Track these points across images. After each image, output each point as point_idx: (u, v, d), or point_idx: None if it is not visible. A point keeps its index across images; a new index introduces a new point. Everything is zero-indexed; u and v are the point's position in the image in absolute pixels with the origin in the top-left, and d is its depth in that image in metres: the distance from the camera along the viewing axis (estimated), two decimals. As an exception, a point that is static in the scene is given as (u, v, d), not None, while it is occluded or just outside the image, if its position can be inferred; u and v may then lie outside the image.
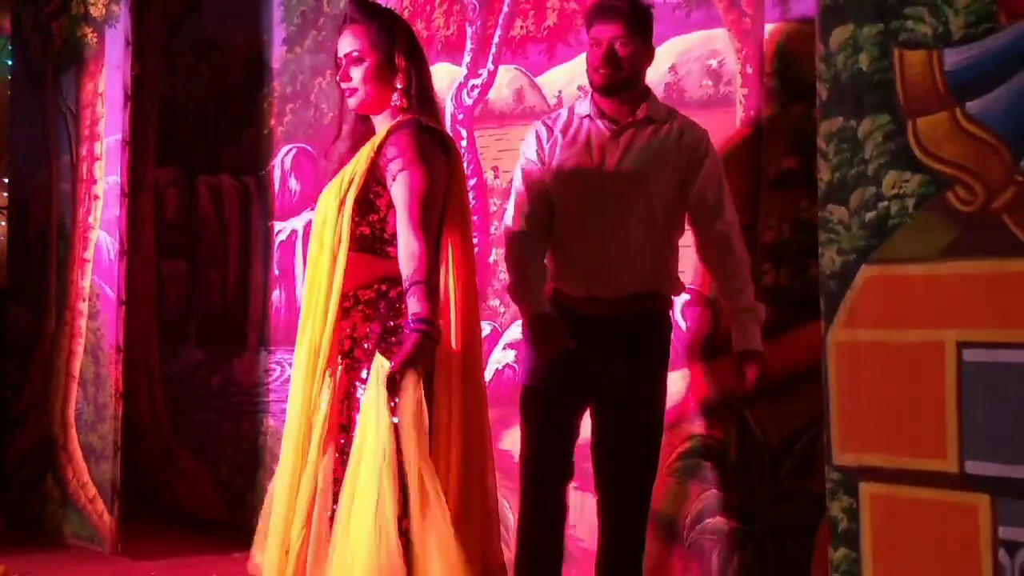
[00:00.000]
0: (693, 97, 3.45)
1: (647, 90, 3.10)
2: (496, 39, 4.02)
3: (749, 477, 3.26)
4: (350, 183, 2.61)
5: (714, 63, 3.42)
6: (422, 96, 2.70)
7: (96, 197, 4.66)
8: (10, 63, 5.52)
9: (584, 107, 3.10)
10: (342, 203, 2.60)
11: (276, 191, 4.86)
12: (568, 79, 3.78)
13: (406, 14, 4.29)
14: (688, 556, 3.37)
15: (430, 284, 2.52)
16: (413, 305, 2.49)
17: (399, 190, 2.57)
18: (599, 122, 3.06)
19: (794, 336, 3.17)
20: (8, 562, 4.23)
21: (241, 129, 5.01)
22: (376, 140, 2.63)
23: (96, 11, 4.73)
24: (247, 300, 4.96)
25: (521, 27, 3.94)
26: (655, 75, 3.49)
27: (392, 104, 2.69)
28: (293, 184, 4.79)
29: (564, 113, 3.15)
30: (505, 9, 3.99)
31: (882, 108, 2.33)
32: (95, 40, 4.73)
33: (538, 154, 3.12)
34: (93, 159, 4.70)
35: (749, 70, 3.35)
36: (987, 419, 2.18)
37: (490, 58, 4.04)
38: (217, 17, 5.20)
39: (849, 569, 2.34)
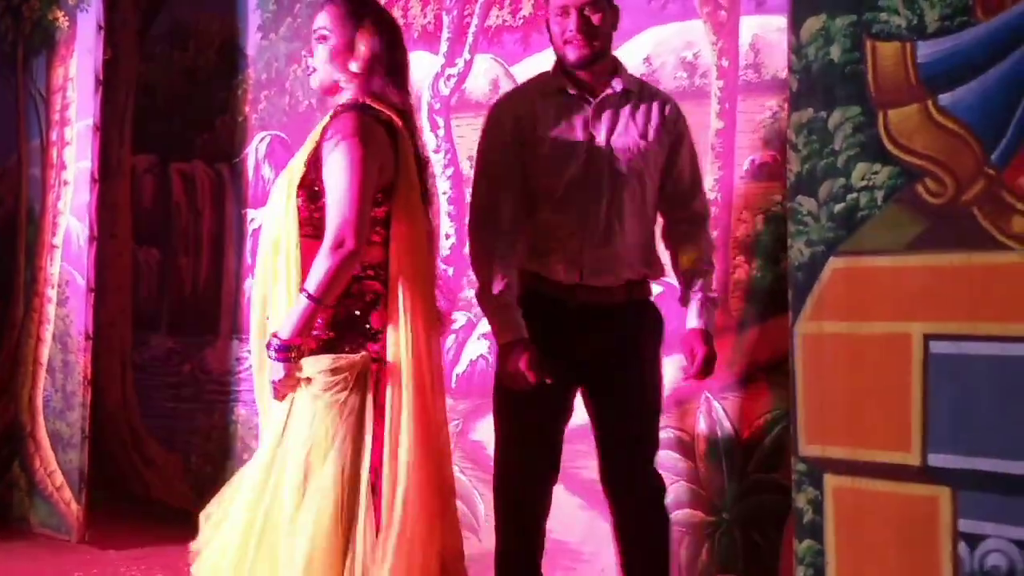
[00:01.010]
0: (668, 88, 3.43)
1: (614, 58, 2.90)
2: (472, 28, 4.00)
3: (718, 469, 3.27)
4: (297, 170, 2.54)
5: (689, 55, 3.42)
6: (381, 82, 2.59)
7: (66, 183, 4.61)
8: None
9: (552, 83, 2.86)
10: (291, 190, 2.51)
11: (249, 179, 4.83)
12: (541, 68, 3.75)
13: (382, 2, 4.26)
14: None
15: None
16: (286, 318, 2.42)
17: (330, 165, 2.44)
18: (576, 97, 2.83)
19: (766, 328, 3.18)
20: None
21: (215, 116, 4.98)
22: (321, 123, 2.58)
23: (67, -7, 4.69)
24: (219, 288, 4.94)
25: (497, 16, 3.93)
26: (630, 66, 3.50)
27: (341, 85, 2.61)
28: (267, 172, 4.75)
29: (522, 94, 2.94)
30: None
31: (853, 99, 2.33)
32: (66, 24, 4.69)
33: (504, 141, 2.85)
34: (63, 144, 4.66)
35: (724, 63, 3.35)
36: (951, 411, 2.19)
37: (466, 47, 4.03)
38: (191, 3, 5.16)
39: (813, 561, 2.35)
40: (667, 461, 3.35)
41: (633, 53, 3.51)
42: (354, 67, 2.58)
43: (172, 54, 5.24)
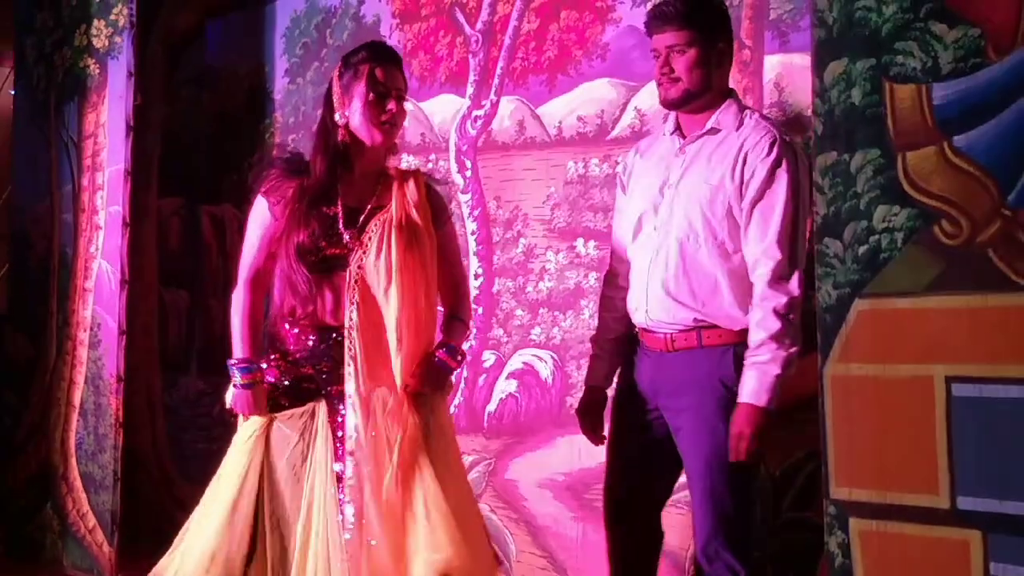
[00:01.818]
0: (692, 128, 3.44)
1: (726, 96, 2.82)
2: (498, 71, 4.03)
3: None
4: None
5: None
6: None
7: (98, 227, 4.67)
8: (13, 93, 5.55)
9: (668, 123, 2.89)
10: None
11: (278, 221, 4.86)
12: (568, 110, 3.80)
13: (409, 46, 4.31)
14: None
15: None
16: None
17: None
18: (672, 137, 2.85)
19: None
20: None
21: (243, 159, 5.03)
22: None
23: (99, 42, 4.76)
24: (249, 329, 4.96)
25: (522, 59, 3.96)
26: (655, 105, 3.51)
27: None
28: (296, 213, 4.80)
29: (657, 133, 3.00)
30: (507, 41, 4.01)
31: (873, 142, 2.33)
32: (97, 71, 4.77)
33: (620, 183, 2.98)
34: (95, 189, 4.73)
35: (748, 101, 3.34)
36: (978, 454, 2.17)
37: (492, 89, 4.06)
38: (219, 48, 5.23)
39: (844, 605, 2.33)
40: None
41: (656, 93, 3.52)
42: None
43: (199, 97, 5.30)
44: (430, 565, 2.59)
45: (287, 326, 2.82)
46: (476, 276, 4.03)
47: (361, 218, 2.79)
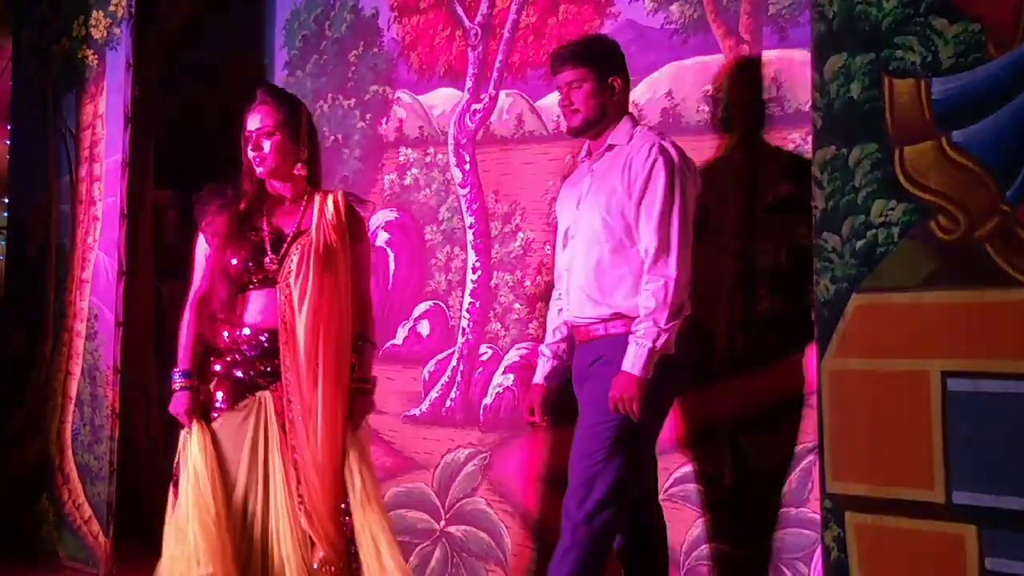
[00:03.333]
0: (690, 123, 3.45)
1: (621, 116, 3.18)
2: (497, 64, 4.03)
3: (744, 503, 3.25)
4: None
5: (711, 89, 3.42)
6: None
7: (96, 218, 4.67)
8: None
9: (583, 151, 3.29)
10: None
11: (276, 213, 4.87)
12: (566, 103, 3.79)
13: (408, 39, 4.31)
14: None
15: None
16: None
17: None
18: (585, 161, 3.26)
19: (790, 362, 3.16)
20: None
21: (241, 151, 5.01)
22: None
23: (97, 33, 4.76)
24: (245, 322, 4.96)
25: (521, 53, 3.96)
26: (652, 100, 3.52)
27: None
28: (293, 206, 4.80)
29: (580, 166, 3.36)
30: (506, 35, 4.01)
31: (871, 136, 2.34)
32: (96, 62, 4.76)
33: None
34: (93, 180, 4.73)
35: (746, 96, 3.35)
36: (973, 449, 2.18)
37: (491, 83, 4.06)
38: (218, 40, 5.23)
39: (841, 598, 2.34)
40: (694, 495, 3.35)
41: (655, 88, 3.53)
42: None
43: (198, 90, 5.30)
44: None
45: (225, 333, 3.16)
46: (474, 270, 4.04)
47: (285, 244, 3.11)
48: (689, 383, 3.19)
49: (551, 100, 3.85)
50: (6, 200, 5.80)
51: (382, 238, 4.35)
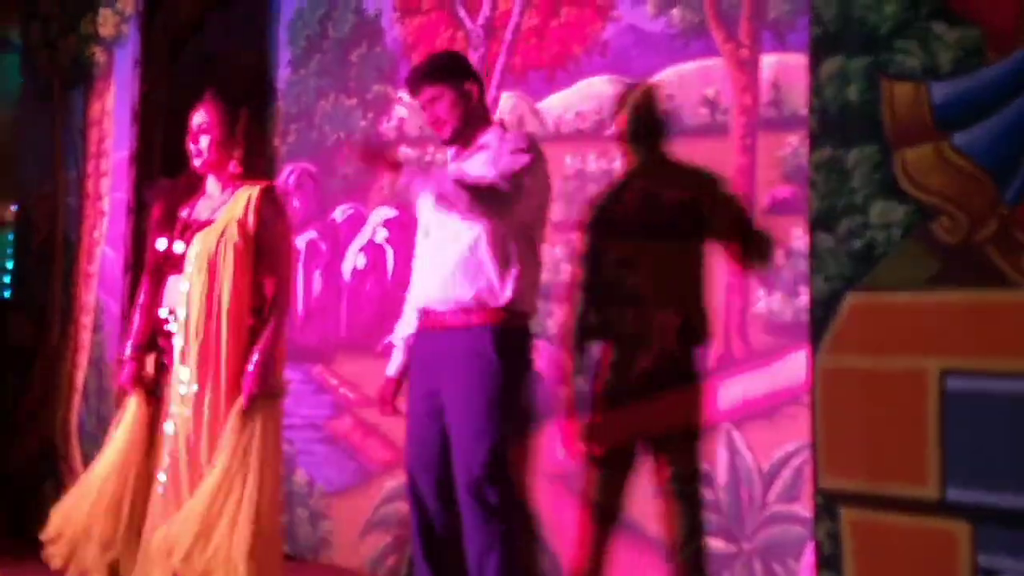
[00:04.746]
0: (689, 125, 3.50)
1: (485, 118, 3.35)
2: (499, 66, 4.08)
3: (738, 499, 3.30)
4: None
5: (711, 92, 3.48)
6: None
7: (103, 213, 4.72)
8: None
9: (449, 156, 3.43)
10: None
11: (279, 209, 4.91)
12: (565, 105, 3.85)
13: (410, 39, 4.37)
14: (679, 576, 3.41)
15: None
16: None
17: None
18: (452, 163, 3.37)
19: (785, 361, 3.22)
20: (6, 572, 4.27)
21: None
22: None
23: (105, 31, 4.81)
24: (248, 316, 5.00)
25: (523, 55, 4.01)
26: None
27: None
28: (295, 203, 4.84)
29: None
30: (508, 37, 4.06)
31: (870, 139, 2.37)
32: (104, 59, 4.81)
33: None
34: (100, 175, 4.77)
35: (746, 99, 3.41)
36: (970, 447, 2.21)
37: (493, 85, 4.10)
38: (222, 38, 5.27)
39: (833, 593, 2.38)
40: (687, 491, 3.41)
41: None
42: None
43: (202, 85, 5.32)
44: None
45: (159, 314, 3.35)
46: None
47: (198, 231, 3.28)
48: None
49: (552, 102, 3.91)
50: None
51: (381, 235, 4.40)
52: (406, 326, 3.44)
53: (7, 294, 5.73)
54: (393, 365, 3.47)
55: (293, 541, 4.41)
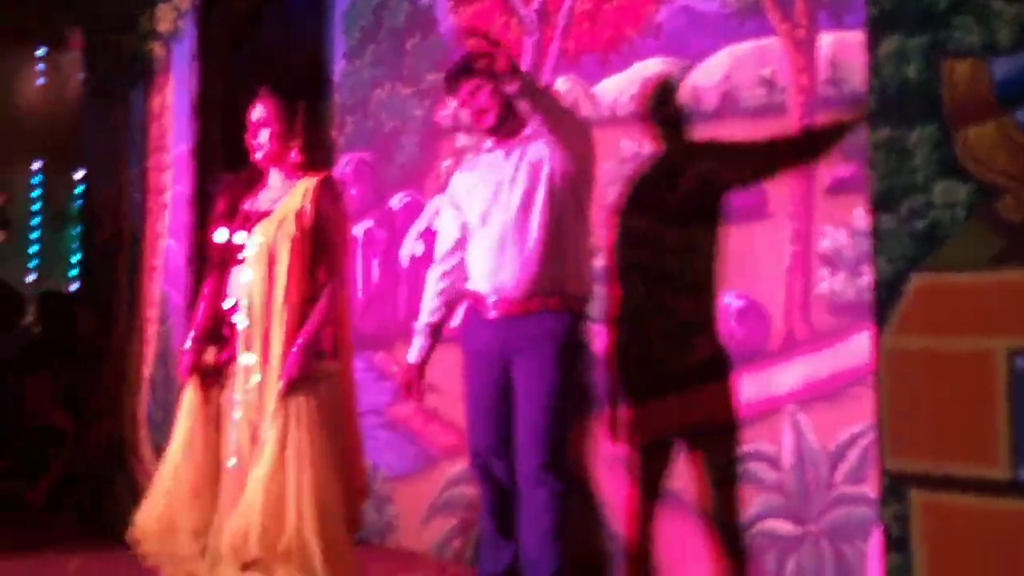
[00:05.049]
0: (747, 106, 3.48)
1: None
2: (553, 51, 4.07)
3: (804, 481, 3.29)
4: None
5: (767, 72, 3.45)
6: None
7: (165, 206, 4.80)
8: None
9: (487, 143, 3.55)
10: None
11: (337, 199, 4.95)
12: (620, 89, 3.84)
13: (464, 27, 4.37)
14: (744, 559, 3.41)
15: None
16: None
17: None
18: (494, 151, 3.47)
19: (849, 341, 3.20)
20: (79, 560, 4.38)
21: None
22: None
23: (164, 27, 4.88)
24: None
25: (576, 39, 4.00)
26: (709, 83, 3.56)
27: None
28: (353, 192, 4.89)
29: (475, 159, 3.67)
30: (561, 22, 4.05)
31: (930, 117, 2.35)
32: (163, 55, 4.88)
33: (451, 201, 3.62)
34: (161, 169, 4.85)
35: (803, 79, 3.37)
36: (1039, 425, 2.19)
37: (547, 70, 4.10)
38: (279, 29, 5.32)
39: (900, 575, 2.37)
40: (753, 473, 3.40)
41: (711, 71, 3.57)
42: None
43: (259, 77, 5.38)
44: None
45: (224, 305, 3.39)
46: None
47: (258, 222, 3.33)
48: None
49: (607, 86, 3.90)
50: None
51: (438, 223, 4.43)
52: (431, 313, 3.53)
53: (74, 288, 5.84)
54: (416, 351, 3.55)
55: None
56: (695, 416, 3.55)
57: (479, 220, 3.42)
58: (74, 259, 8.55)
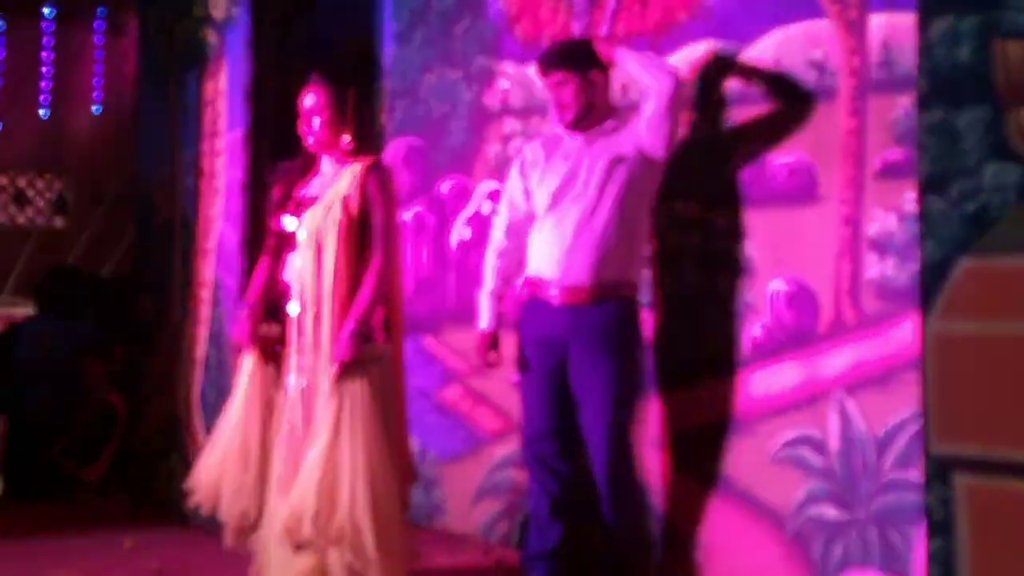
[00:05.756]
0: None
1: (607, 105, 3.58)
2: (603, 35, 4.06)
3: (852, 466, 3.27)
4: None
5: (818, 54, 3.42)
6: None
7: (218, 191, 4.86)
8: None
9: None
10: None
11: (387, 184, 4.98)
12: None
13: (513, 11, 4.38)
14: (791, 544, 3.40)
15: None
16: None
17: None
18: (572, 135, 3.55)
19: (899, 326, 3.17)
20: (133, 537, 4.47)
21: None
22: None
23: (217, 13, 4.93)
24: (359, 289, 5.10)
25: (626, 23, 3.99)
26: (759, 65, 3.53)
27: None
28: (404, 178, 4.91)
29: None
30: (611, 5, 4.04)
31: (982, 99, 2.33)
32: (216, 41, 4.93)
33: (520, 170, 3.68)
34: (215, 155, 4.91)
35: (854, 61, 3.34)
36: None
37: (597, 53, 4.09)
38: (330, 15, 5.34)
39: (945, 559, 2.35)
40: (800, 458, 3.39)
41: (760, 54, 3.55)
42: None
43: (311, 63, 5.41)
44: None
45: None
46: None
47: (309, 208, 3.42)
48: None
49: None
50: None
51: (487, 207, 4.45)
52: (493, 280, 3.63)
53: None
54: (485, 318, 3.63)
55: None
56: (742, 401, 3.54)
57: (549, 201, 3.48)
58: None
